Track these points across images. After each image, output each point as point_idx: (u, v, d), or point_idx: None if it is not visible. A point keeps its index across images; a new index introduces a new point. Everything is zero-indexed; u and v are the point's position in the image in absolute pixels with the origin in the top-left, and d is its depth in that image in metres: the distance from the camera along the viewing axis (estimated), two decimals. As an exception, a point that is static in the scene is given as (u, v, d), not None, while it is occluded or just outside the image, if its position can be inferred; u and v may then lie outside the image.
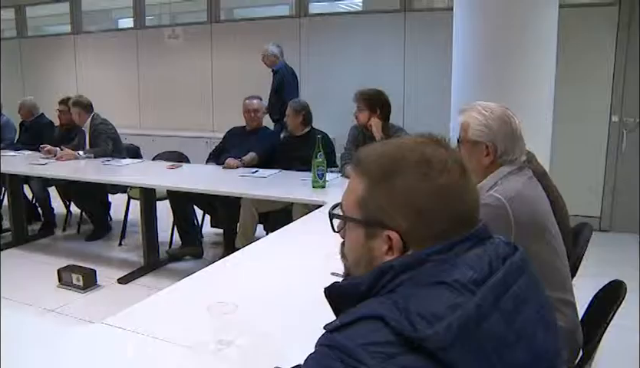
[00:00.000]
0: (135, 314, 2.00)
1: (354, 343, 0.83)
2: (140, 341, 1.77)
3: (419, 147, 0.99)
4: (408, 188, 0.95)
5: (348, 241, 1.07)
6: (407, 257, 0.95)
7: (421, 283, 0.90)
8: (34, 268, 4.93)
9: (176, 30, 8.50)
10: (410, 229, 0.95)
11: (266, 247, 2.86)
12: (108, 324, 1.87)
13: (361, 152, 1.05)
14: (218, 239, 5.23)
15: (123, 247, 5.36)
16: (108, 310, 3.86)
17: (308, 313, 1.93)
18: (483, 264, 0.93)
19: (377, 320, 0.85)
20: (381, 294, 0.93)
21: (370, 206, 0.99)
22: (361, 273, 1.01)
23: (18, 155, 5.89)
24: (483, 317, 0.86)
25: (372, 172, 0.99)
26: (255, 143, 4.89)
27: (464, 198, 0.98)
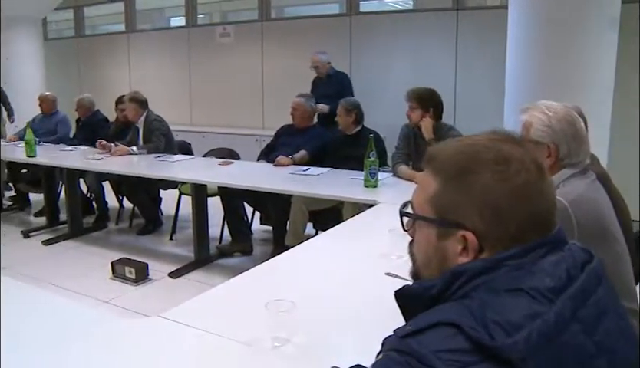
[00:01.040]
0: (191, 309, 2.02)
1: (426, 350, 0.81)
2: (196, 336, 1.78)
3: (495, 145, 0.96)
4: (485, 187, 0.92)
5: (417, 241, 1.05)
6: (482, 260, 0.92)
7: (496, 289, 0.87)
8: (88, 260, 5.05)
9: (227, 28, 8.58)
10: (486, 230, 0.92)
11: (320, 245, 2.86)
12: (165, 318, 1.89)
13: (434, 150, 1.02)
14: (267, 236, 5.26)
15: (174, 241, 5.44)
16: (160, 303, 3.95)
17: (363, 313, 1.93)
18: (561, 271, 0.89)
19: (452, 327, 0.83)
20: (453, 299, 0.91)
21: (444, 205, 0.96)
22: (431, 274, 0.99)
23: (75, 150, 6.03)
24: (562, 328, 0.83)
25: (447, 170, 0.97)
26: (306, 141, 4.90)
27: (541, 199, 0.95)
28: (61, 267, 4.88)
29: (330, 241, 2.92)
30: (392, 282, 2.12)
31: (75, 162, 5.53)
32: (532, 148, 0.99)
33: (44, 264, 4.94)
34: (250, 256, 4.92)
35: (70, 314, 2.04)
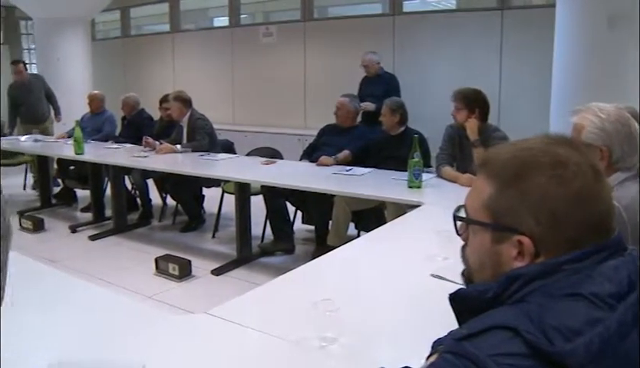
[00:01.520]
0: (238, 306, 2.03)
1: (483, 354, 0.80)
2: (243, 333, 1.79)
3: (551, 148, 0.94)
4: (542, 191, 0.90)
5: (471, 245, 1.04)
6: (539, 265, 0.90)
7: (554, 293, 0.86)
8: (132, 256, 5.14)
9: (270, 28, 8.64)
10: (543, 235, 0.91)
11: (365, 246, 2.85)
12: (213, 315, 1.91)
13: (488, 154, 1.02)
14: (309, 236, 5.27)
15: (216, 239, 5.49)
16: (202, 300, 4.01)
17: (410, 314, 1.92)
18: (622, 276, 0.87)
19: (509, 331, 0.81)
20: (508, 303, 0.89)
21: (499, 209, 0.95)
22: (485, 278, 0.98)
23: (120, 147, 6.15)
24: (624, 336, 0.80)
25: (502, 174, 0.95)
26: (349, 141, 4.89)
27: (599, 203, 0.92)
28: (106, 262, 4.98)
29: (375, 241, 2.91)
30: (438, 284, 2.11)
31: (121, 159, 5.64)
32: (587, 151, 0.97)
33: (90, 258, 5.05)
34: (292, 255, 4.93)
35: (120, 309, 2.08)
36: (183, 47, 9.82)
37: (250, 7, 9.64)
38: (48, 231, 5.90)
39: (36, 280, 2.34)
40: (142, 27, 11.38)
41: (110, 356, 1.64)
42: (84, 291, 2.24)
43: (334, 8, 8.90)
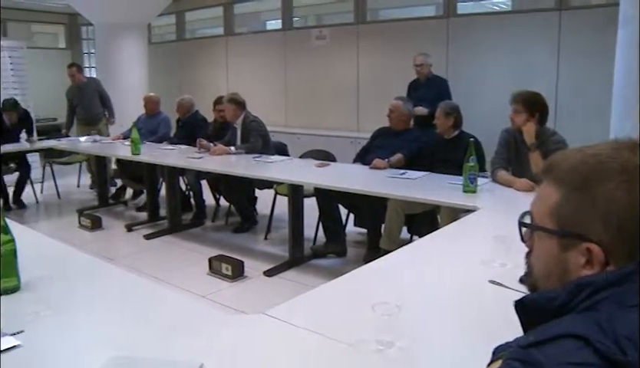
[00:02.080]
0: (295, 307, 2.03)
1: (551, 362, 0.78)
2: (300, 334, 1.79)
3: (620, 154, 0.91)
4: (610, 198, 0.87)
5: (537, 252, 1.02)
6: (609, 273, 0.87)
7: (625, 303, 0.83)
8: (186, 255, 5.23)
9: (323, 31, 8.66)
10: (612, 242, 0.88)
11: (421, 250, 2.81)
12: (270, 315, 1.91)
13: (554, 160, 0.99)
14: (360, 239, 5.26)
15: (269, 240, 5.53)
16: (255, 300, 4.05)
17: (468, 320, 1.88)
18: None
19: (579, 340, 0.79)
20: (576, 311, 0.87)
21: (566, 216, 0.93)
22: (551, 286, 0.95)
23: (175, 148, 6.27)
24: None
25: (569, 180, 0.93)
26: (402, 144, 4.85)
27: None
28: (160, 260, 5.08)
29: (430, 245, 2.87)
30: (496, 290, 2.07)
31: (176, 160, 5.74)
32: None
33: (145, 257, 5.17)
34: (343, 258, 4.93)
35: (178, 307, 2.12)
36: (237, 50, 9.94)
37: (302, 10, 9.69)
38: (105, 230, 6.06)
39: (97, 276, 2.40)
40: (196, 31, 11.57)
41: (168, 354, 1.67)
42: (142, 288, 2.29)
43: (386, 10, 8.86)
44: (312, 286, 4.18)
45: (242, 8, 10.26)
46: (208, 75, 10.27)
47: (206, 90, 8.98)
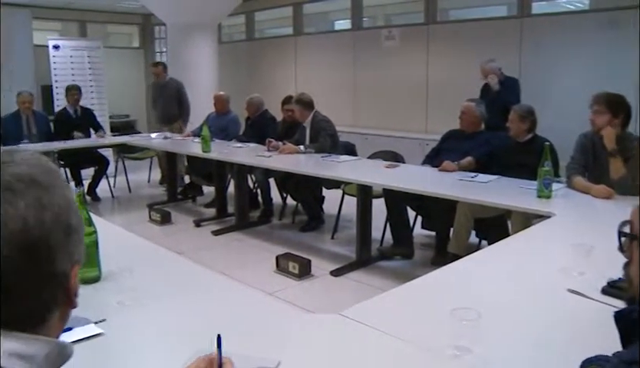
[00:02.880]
0: (370, 309, 2.02)
1: None
2: (375, 336, 1.77)
3: None
4: None
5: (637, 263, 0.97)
6: None
7: None
8: (253, 252, 5.29)
9: (392, 31, 8.61)
10: None
11: (495, 256, 2.74)
12: (345, 316, 1.90)
13: None
14: (428, 241, 5.20)
15: (335, 240, 5.53)
16: (321, 300, 4.05)
17: (547, 330, 1.82)
18: None
19: None
20: None
21: None
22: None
23: (244, 147, 6.34)
24: None
25: None
26: (473, 147, 4.76)
27: None
28: (228, 256, 5.16)
29: (505, 252, 2.79)
30: (576, 300, 2.01)
31: (245, 158, 5.81)
32: None
33: (213, 252, 5.25)
34: (410, 260, 4.88)
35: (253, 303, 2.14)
36: (306, 49, 10.00)
37: (372, 10, 9.66)
38: (174, 224, 6.20)
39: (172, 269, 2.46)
40: (265, 31, 11.71)
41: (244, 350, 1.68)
42: (216, 283, 2.32)
43: (457, 10, 8.74)
44: (379, 287, 4.20)
45: (312, 8, 10.31)
46: (276, 75, 10.37)
47: (274, 90, 9.07)
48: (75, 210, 0.81)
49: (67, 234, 0.78)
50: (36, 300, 0.76)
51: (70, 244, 0.79)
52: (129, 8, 11.42)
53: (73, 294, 0.81)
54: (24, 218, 0.73)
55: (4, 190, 0.73)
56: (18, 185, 0.74)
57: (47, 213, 0.75)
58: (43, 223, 0.74)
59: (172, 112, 7.97)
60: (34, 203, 0.74)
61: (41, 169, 0.79)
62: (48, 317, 0.78)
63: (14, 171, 0.76)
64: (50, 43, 9.41)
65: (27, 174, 0.76)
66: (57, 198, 0.78)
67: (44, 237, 0.74)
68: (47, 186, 0.77)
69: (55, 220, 0.76)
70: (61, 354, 0.79)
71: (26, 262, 0.73)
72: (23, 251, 0.72)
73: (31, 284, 0.74)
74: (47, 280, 0.76)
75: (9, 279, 0.72)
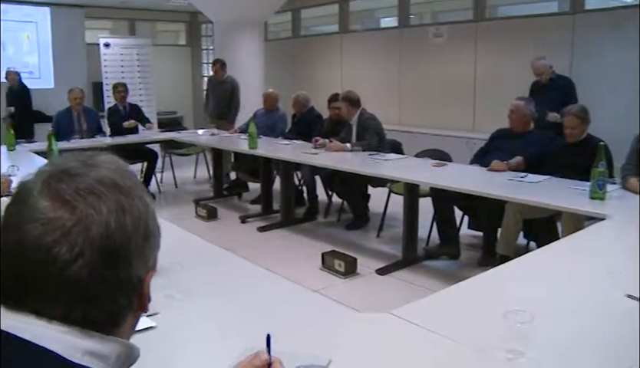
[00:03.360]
0: (421, 308, 2.01)
1: None
2: (426, 336, 1.76)
3: None
4: None
5: None
6: None
7: None
8: (298, 249, 5.31)
9: (440, 28, 8.51)
10: None
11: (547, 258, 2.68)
12: (396, 315, 1.89)
13: None
14: (474, 242, 5.13)
15: (381, 239, 5.50)
16: (367, 298, 4.04)
17: (604, 335, 1.78)
18: None
19: None
20: None
21: None
22: None
23: (291, 144, 6.37)
24: None
25: None
26: (523, 147, 4.67)
27: None
28: (274, 253, 5.17)
29: (557, 254, 2.73)
30: (634, 306, 1.95)
31: (292, 155, 5.83)
32: None
33: (259, 248, 5.27)
34: (457, 261, 4.82)
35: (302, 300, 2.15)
36: (351, 47, 9.97)
37: (418, 7, 9.57)
38: (221, 220, 6.27)
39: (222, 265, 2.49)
40: (311, 28, 11.72)
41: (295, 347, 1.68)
42: (264, 279, 2.34)
43: (506, 7, 8.58)
44: (425, 287, 4.17)
45: (357, 5, 10.28)
46: (322, 72, 10.37)
47: (320, 87, 9.07)
48: (153, 214, 0.82)
49: (145, 240, 0.79)
50: (112, 304, 0.77)
51: (146, 249, 0.80)
52: (177, 6, 11.59)
53: (146, 299, 0.82)
54: (107, 222, 0.74)
55: (89, 194, 0.74)
56: (101, 189, 0.75)
57: (128, 217, 0.76)
58: (124, 228, 0.75)
59: (223, 109, 8.02)
60: (115, 207, 0.75)
61: (121, 173, 0.79)
62: (122, 321, 0.79)
63: (97, 174, 0.76)
64: (101, 41, 9.62)
65: (109, 178, 0.77)
66: (136, 203, 0.78)
67: (124, 242, 0.75)
68: (127, 190, 0.78)
69: (135, 225, 0.77)
70: (129, 356, 0.80)
71: (105, 266, 0.74)
72: (103, 255, 0.73)
73: (109, 288, 0.75)
74: (123, 285, 0.77)
75: (89, 283, 0.73)
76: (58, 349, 0.72)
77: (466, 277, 2.28)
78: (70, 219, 0.72)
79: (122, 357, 0.78)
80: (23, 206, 0.74)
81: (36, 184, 0.75)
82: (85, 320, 0.74)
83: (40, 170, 0.78)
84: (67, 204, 0.73)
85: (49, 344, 0.72)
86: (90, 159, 0.79)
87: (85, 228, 0.72)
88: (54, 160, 0.80)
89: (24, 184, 0.77)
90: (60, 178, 0.75)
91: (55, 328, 0.73)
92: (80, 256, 0.71)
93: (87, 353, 0.74)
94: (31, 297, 0.73)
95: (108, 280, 0.74)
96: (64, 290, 0.72)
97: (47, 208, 0.73)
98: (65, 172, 0.76)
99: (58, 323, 0.73)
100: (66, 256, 0.71)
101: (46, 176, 0.76)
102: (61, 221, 0.72)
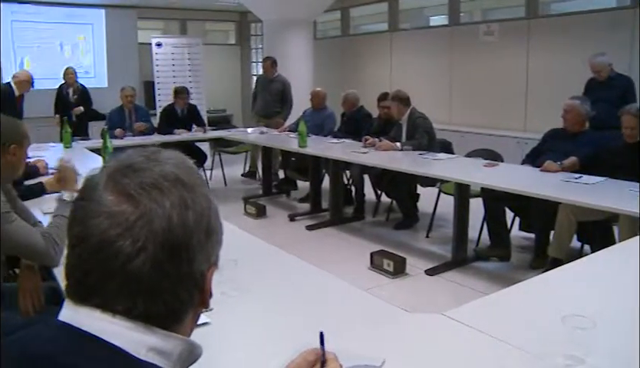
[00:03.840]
0: (474, 310, 1.98)
1: None
2: (481, 339, 1.74)
3: None
4: None
5: None
6: None
7: None
8: (346, 248, 5.32)
9: (491, 26, 8.38)
10: None
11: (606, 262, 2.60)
12: (449, 317, 1.88)
13: None
14: (525, 244, 5.04)
15: (430, 239, 5.46)
16: (416, 299, 4.01)
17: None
18: None
19: None
20: None
21: None
22: None
23: (340, 142, 6.37)
24: None
25: None
26: (577, 147, 4.56)
27: None
28: (322, 252, 5.18)
29: (615, 258, 2.66)
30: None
31: (341, 154, 5.82)
32: None
33: (307, 247, 5.29)
34: (507, 263, 4.74)
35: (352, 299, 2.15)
36: (401, 46, 9.91)
37: (469, 5, 9.44)
38: (269, 218, 6.32)
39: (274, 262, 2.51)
40: (360, 27, 11.70)
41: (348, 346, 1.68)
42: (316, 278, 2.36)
43: (560, 3, 8.38)
44: (475, 289, 4.12)
45: (407, 3, 10.21)
46: (371, 71, 10.34)
47: (368, 86, 9.04)
48: (215, 211, 0.82)
49: (207, 236, 0.79)
50: (174, 299, 0.77)
51: (209, 245, 0.80)
52: (227, 5, 11.73)
53: (207, 295, 0.82)
54: (169, 217, 0.74)
55: (152, 188, 0.75)
56: (165, 184, 0.76)
57: (190, 213, 0.76)
58: (186, 223, 0.76)
59: (273, 107, 8.06)
60: (178, 202, 0.76)
61: (184, 169, 0.80)
62: (184, 317, 0.80)
63: (161, 169, 0.77)
64: (153, 41, 9.82)
65: (172, 173, 0.77)
66: (199, 198, 0.79)
67: (186, 237, 0.76)
68: (190, 186, 0.78)
69: (197, 220, 0.77)
70: (191, 354, 0.81)
71: (168, 261, 0.74)
72: (166, 249, 0.74)
73: (171, 283, 0.76)
74: (185, 280, 0.77)
75: (151, 277, 0.73)
76: (123, 344, 0.73)
77: (517, 279, 2.24)
78: (134, 213, 0.73)
79: (184, 355, 0.79)
80: (89, 201, 0.76)
81: (101, 179, 0.77)
82: (147, 315, 0.75)
83: (105, 165, 0.79)
84: (131, 198, 0.74)
85: (114, 339, 0.73)
86: (155, 154, 0.80)
87: (148, 222, 0.73)
88: (120, 156, 0.81)
89: (90, 179, 0.79)
90: (124, 173, 0.76)
91: (120, 323, 0.74)
92: (142, 250, 0.72)
93: (152, 349, 0.75)
94: (96, 291, 0.74)
95: (170, 274, 0.75)
96: (127, 284, 0.73)
97: (112, 203, 0.74)
98: (130, 167, 0.77)
99: (122, 317, 0.74)
100: (129, 250, 0.72)
101: (111, 171, 0.77)
102: (124, 215, 0.73)
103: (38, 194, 3.57)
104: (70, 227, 0.77)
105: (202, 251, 0.78)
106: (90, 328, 0.73)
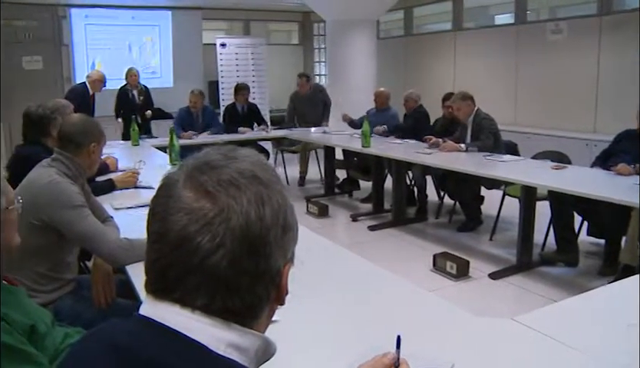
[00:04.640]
0: (546, 316, 1.95)
1: None
2: (552, 346, 1.71)
3: None
4: None
5: None
6: None
7: None
8: (408, 249, 5.30)
9: (560, 24, 8.16)
10: None
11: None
12: (519, 322, 1.85)
13: None
14: (594, 249, 4.89)
15: (493, 242, 5.38)
16: (479, 302, 3.96)
17: None
18: None
19: None
20: None
21: None
22: None
23: (403, 143, 6.35)
24: None
25: None
26: (653, 150, 4.40)
27: None
28: (384, 252, 5.19)
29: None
30: None
31: (405, 154, 5.80)
32: None
33: (369, 247, 5.31)
34: (574, 268, 4.62)
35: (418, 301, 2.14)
36: (465, 45, 9.76)
37: (536, 2, 9.20)
38: (331, 218, 6.35)
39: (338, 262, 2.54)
40: (423, 26, 11.59)
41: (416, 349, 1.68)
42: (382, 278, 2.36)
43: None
44: (540, 294, 4.04)
45: (472, 2, 10.05)
46: (435, 71, 10.24)
47: (432, 86, 8.96)
48: (291, 207, 0.84)
49: (284, 232, 0.80)
50: (251, 295, 0.78)
51: (285, 241, 0.81)
52: (290, 6, 11.83)
53: (283, 291, 0.84)
54: (247, 213, 0.76)
55: (230, 185, 0.77)
56: (242, 181, 0.77)
57: (267, 209, 0.78)
58: (263, 219, 0.77)
59: (316, 119, 8.12)
60: (255, 199, 0.77)
61: (260, 166, 0.81)
62: (260, 313, 0.81)
63: (238, 166, 0.79)
64: (217, 41, 10.02)
65: (249, 170, 0.79)
66: (275, 195, 0.80)
67: (263, 233, 0.77)
68: (267, 183, 0.80)
69: (274, 217, 0.79)
70: (266, 351, 0.83)
71: (245, 257, 0.76)
72: (243, 245, 0.75)
73: (248, 278, 0.77)
74: (262, 276, 0.79)
75: (229, 273, 0.75)
76: (203, 339, 0.75)
77: (585, 285, 2.18)
78: (212, 209, 0.75)
79: (260, 352, 0.80)
80: (168, 197, 0.78)
81: (180, 176, 0.79)
82: (225, 311, 0.76)
83: (184, 163, 0.82)
84: (209, 195, 0.75)
85: (195, 334, 0.75)
86: (231, 152, 0.82)
87: (226, 218, 0.74)
88: (197, 153, 0.83)
89: (169, 176, 0.81)
90: (202, 170, 0.78)
91: (199, 319, 0.76)
92: (221, 246, 0.74)
93: (230, 345, 0.76)
94: (175, 286, 0.76)
95: (248, 270, 0.76)
96: (205, 279, 0.75)
97: (191, 199, 0.76)
98: (207, 164, 0.79)
99: (201, 313, 0.76)
100: (208, 246, 0.74)
101: (189, 168, 0.79)
102: (203, 211, 0.75)
103: (108, 190, 3.72)
104: (150, 223, 0.79)
105: (279, 248, 0.79)
106: (171, 323, 0.75)
